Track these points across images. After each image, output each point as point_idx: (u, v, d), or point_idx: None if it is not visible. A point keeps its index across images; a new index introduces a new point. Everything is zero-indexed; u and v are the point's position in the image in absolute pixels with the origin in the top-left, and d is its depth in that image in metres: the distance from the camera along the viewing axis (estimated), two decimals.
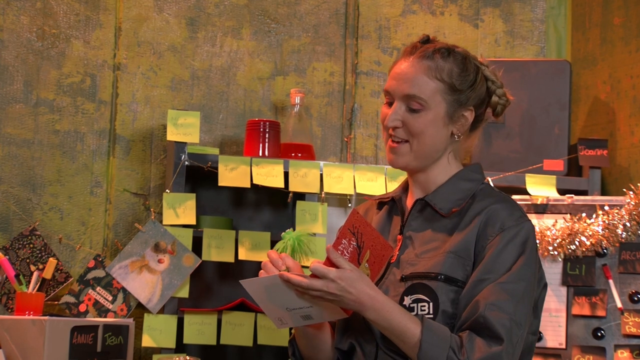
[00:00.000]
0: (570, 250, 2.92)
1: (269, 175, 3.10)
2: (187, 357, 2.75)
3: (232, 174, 3.10)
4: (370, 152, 3.53)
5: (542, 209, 3.02)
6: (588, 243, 2.91)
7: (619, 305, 2.85)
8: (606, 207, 2.94)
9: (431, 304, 2.01)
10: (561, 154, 3.22)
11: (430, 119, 2.10)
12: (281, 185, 3.12)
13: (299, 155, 3.23)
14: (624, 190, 2.96)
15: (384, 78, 3.55)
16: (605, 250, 2.90)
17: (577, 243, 2.92)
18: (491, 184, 3.08)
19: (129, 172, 3.38)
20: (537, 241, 2.77)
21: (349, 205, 3.23)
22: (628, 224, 2.89)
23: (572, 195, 3.03)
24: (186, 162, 3.12)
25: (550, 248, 2.94)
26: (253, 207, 3.45)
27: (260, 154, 3.18)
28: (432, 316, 2.00)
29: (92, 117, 3.37)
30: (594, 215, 2.94)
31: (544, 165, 3.19)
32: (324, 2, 3.56)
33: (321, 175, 3.15)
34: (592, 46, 3.47)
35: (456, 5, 3.61)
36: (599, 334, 2.85)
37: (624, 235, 2.89)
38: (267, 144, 3.19)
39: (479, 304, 1.96)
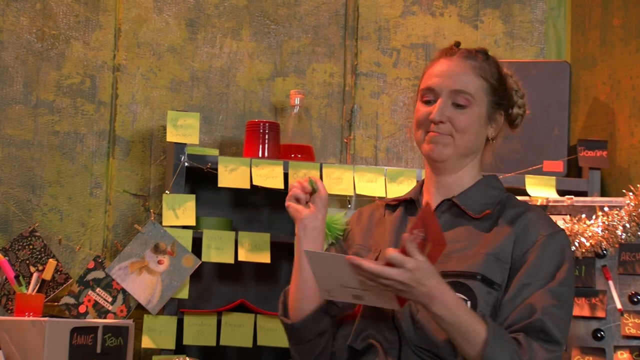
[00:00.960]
0: None
1: (269, 176, 3.10)
2: (187, 358, 2.76)
3: (231, 175, 3.10)
4: (370, 153, 3.53)
5: (542, 210, 3.01)
6: (588, 244, 2.91)
7: (619, 306, 2.84)
8: (606, 208, 2.94)
9: (469, 302, 2.02)
10: (561, 155, 3.21)
11: (475, 115, 2.14)
12: (281, 186, 3.11)
13: (299, 156, 3.23)
14: (624, 191, 2.96)
15: (383, 79, 3.55)
16: (604, 252, 2.90)
17: (576, 244, 2.91)
18: None
19: (129, 173, 3.38)
20: None
21: (349, 206, 3.23)
22: (628, 225, 2.89)
23: (572, 196, 3.03)
24: (186, 163, 3.12)
25: None
26: (253, 208, 3.45)
27: (260, 155, 3.18)
28: None
29: (92, 118, 3.37)
30: (594, 217, 2.94)
31: (543, 166, 3.19)
32: (323, 4, 3.56)
33: (321, 176, 3.15)
34: (592, 47, 3.47)
35: (456, 7, 3.61)
36: (599, 335, 2.84)
37: (623, 237, 2.89)
38: (266, 145, 3.19)
39: (534, 307, 2.00)
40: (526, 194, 3.08)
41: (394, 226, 2.19)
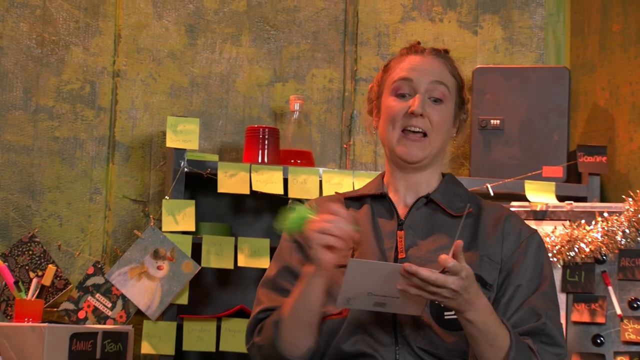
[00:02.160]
0: (569, 257, 2.92)
1: (268, 181, 3.10)
2: None
3: (231, 181, 3.10)
4: (370, 158, 3.53)
5: (542, 215, 3.02)
6: (587, 250, 2.91)
7: (619, 312, 2.84)
8: (605, 214, 2.94)
9: None
10: (560, 161, 3.22)
11: (449, 111, 2.15)
12: (280, 191, 3.11)
13: (298, 161, 3.23)
14: (623, 197, 2.96)
15: None
16: (604, 257, 2.90)
17: (576, 250, 2.91)
18: (491, 191, 3.09)
19: (128, 178, 3.38)
20: None
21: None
22: (627, 231, 2.89)
23: (572, 201, 3.03)
24: (185, 169, 3.12)
25: (550, 255, 2.94)
26: (252, 214, 3.45)
27: (260, 161, 3.18)
28: None
29: (92, 124, 3.37)
30: (593, 222, 2.94)
31: (543, 172, 3.19)
32: (323, 9, 3.56)
33: (320, 181, 3.15)
34: (591, 53, 3.47)
35: (455, 12, 3.62)
36: (599, 341, 2.84)
37: (623, 242, 2.89)
38: (266, 151, 3.19)
39: (537, 311, 2.02)
40: (526, 200, 3.08)
41: (366, 222, 2.14)
